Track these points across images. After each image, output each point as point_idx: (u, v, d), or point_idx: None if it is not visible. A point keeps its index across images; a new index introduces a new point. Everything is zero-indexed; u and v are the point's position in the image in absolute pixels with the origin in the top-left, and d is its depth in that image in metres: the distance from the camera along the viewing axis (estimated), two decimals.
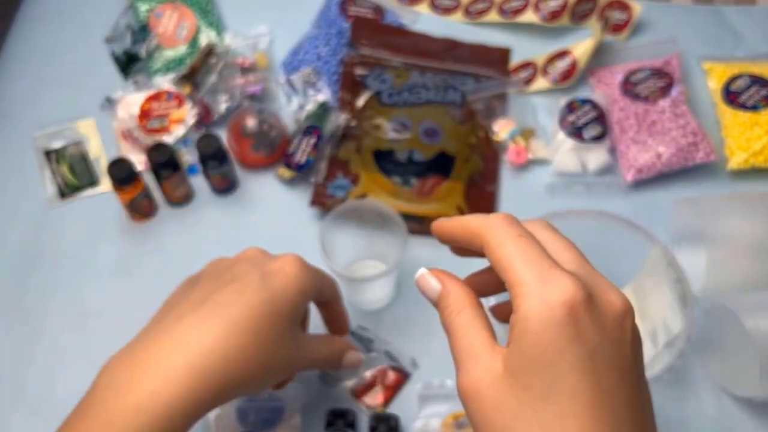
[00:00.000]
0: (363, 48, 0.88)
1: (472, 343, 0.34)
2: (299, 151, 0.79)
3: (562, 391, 0.30)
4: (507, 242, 0.34)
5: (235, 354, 0.44)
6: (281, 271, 0.48)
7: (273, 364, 0.47)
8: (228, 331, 0.44)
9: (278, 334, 0.46)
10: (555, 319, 0.30)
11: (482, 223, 0.36)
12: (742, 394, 0.66)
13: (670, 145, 0.78)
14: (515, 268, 0.33)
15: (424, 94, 0.84)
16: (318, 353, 0.52)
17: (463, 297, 0.36)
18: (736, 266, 0.70)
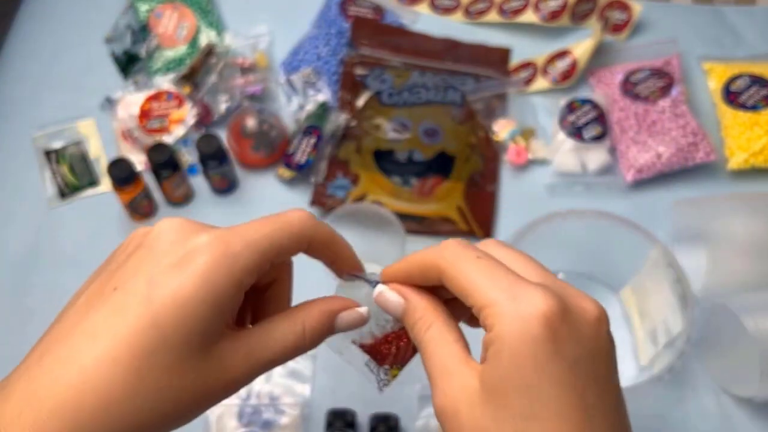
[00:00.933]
0: (363, 48, 0.88)
1: (445, 359, 0.32)
2: (299, 151, 0.79)
3: (544, 410, 0.29)
4: (466, 266, 0.32)
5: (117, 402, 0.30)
6: (185, 266, 0.31)
7: (180, 401, 0.32)
8: (102, 374, 0.30)
9: (175, 367, 0.31)
10: (532, 334, 0.29)
11: (435, 254, 0.33)
12: (742, 394, 0.66)
13: (670, 145, 0.78)
14: (481, 290, 0.31)
15: (424, 94, 0.84)
16: (271, 348, 0.34)
17: (430, 310, 0.34)
18: (736, 266, 0.70)
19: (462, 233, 0.76)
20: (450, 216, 0.77)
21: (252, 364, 0.33)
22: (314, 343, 0.35)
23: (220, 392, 0.33)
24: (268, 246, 0.33)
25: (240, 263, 0.32)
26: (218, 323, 0.32)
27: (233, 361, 0.32)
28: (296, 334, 0.34)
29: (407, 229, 0.72)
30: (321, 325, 0.35)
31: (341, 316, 0.36)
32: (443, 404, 0.31)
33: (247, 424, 0.65)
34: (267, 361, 0.33)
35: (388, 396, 0.67)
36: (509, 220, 0.78)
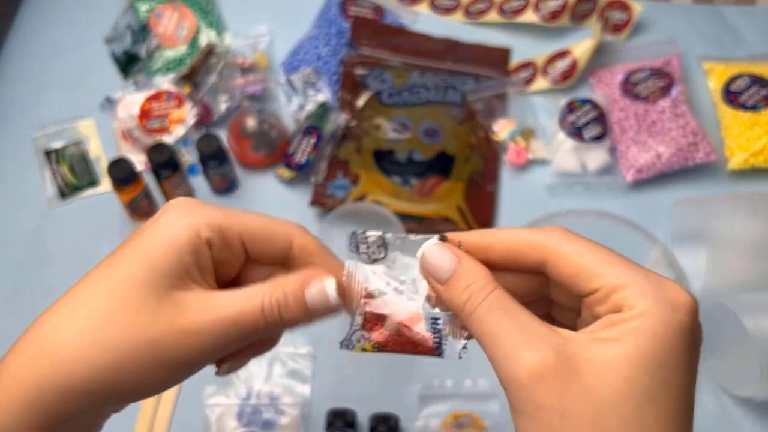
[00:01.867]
0: (363, 48, 0.88)
1: (529, 322, 0.29)
2: (299, 151, 0.79)
3: (667, 395, 0.28)
4: (581, 248, 0.30)
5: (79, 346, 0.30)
6: (153, 220, 0.34)
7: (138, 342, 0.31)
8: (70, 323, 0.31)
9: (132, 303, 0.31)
10: (680, 321, 0.28)
11: (539, 233, 0.31)
12: (742, 394, 0.66)
13: (670, 145, 0.78)
14: (613, 270, 0.29)
15: (424, 94, 0.84)
16: (236, 307, 0.32)
17: (491, 278, 0.31)
18: (736, 266, 0.70)
19: None
20: (450, 216, 0.77)
21: (217, 319, 0.31)
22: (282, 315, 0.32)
23: (184, 345, 0.31)
24: (238, 220, 0.33)
25: (200, 215, 0.33)
26: (175, 266, 0.32)
27: (196, 312, 0.31)
28: (261, 298, 0.32)
29: (407, 229, 0.72)
30: (289, 295, 0.32)
31: (312, 287, 0.33)
32: (528, 370, 0.28)
33: (247, 424, 0.65)
34: (230, 319, 0.31)
35: (388, 396, 0.67)
36: (509, 220, 0.78)
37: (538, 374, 0.28)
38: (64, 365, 0.30)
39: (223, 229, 0.33)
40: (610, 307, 0.29)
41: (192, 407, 0.67)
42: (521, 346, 0.28)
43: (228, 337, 0.32)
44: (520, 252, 0.32)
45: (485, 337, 0.30)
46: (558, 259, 0.31)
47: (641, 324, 0.28)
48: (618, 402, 0.27)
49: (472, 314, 0.30)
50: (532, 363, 0.28)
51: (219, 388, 0.67)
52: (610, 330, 0.28)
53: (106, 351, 0.30)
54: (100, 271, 0.33)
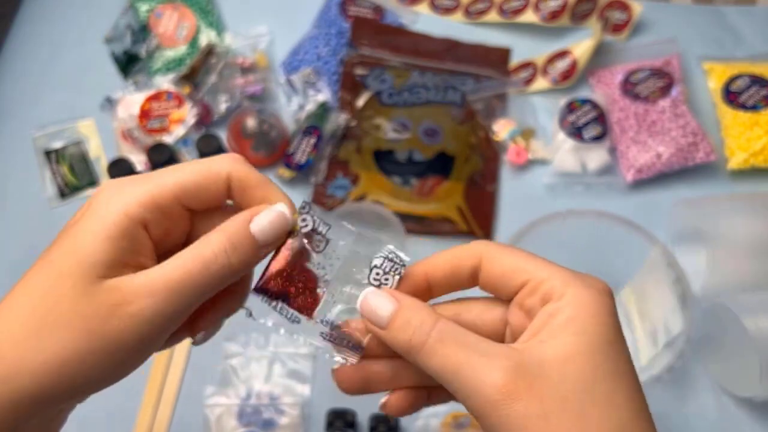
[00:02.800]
0: (363, 48, 0.88)
1: (480, 343, 0.30)
2: (299, 151, 0.79)
3: (621, 364, 0.30)
4: (508, 250, 0.33)
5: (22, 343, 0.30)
6: (85, 207, 0.33)
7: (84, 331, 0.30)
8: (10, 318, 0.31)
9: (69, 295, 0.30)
10: (604, 303, 0.31)
11: (468, 245, 0.34)
12: (742, 394, 0.66)
13: (670, 145, 0.78)
14: (535, 266, 0.32)
15: (424, 94, 0.84)
16: (172, 272, 0.31)
17: (431, 311, 0.32)
18: (736, 266, 0.70)
19: (462, 233, 0.76)
20: (450, 216, 0.77)
21: (151, 292, 0.30)
22: (231, 259, 0.31)
23: (129, 326, 0.30)
24: (170, 181, 0.32)
25: (129, 195, 0.31)
26: (107, 254, 0.31)
27: (129, 291, 0.30)
28: (201, 254, 0.31)
29: (407, 229, 0.72)
30: (234, 236, 0.31)
31: (256, 218, 0.32)
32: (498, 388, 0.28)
33: (247, 424, 0.65)
34: (165, 287, 0.30)
35: None
36: (509, 220, 0.78)
37: (511, 390, 0.28)
38: (8, 376, 0.29)
39: (156, 200, 0.32)
40: (540, 298, 0.31)
41: (192, 407, 0.67)
42: (483, 369, 0.29)
43: (170, 305, 0.31)
44: (457, 262, 0.33)
45: (443, 370, 0.30)
46: (488, 262, 0.33)
47: (578, 310, 0.30)
48: (588, 387, 0.29)
49: (421, 351, 0.30)
50: (500, 381, 0.28)
51: (219, 388, 0.67)
52: (552, 325, 0.30)
53: (47, 353, 0.30)
54: (34, 271, 0.33)
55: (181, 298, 0.31)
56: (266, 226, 0.32)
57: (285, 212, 0.33)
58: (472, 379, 0.29)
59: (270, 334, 0.70)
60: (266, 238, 0.32)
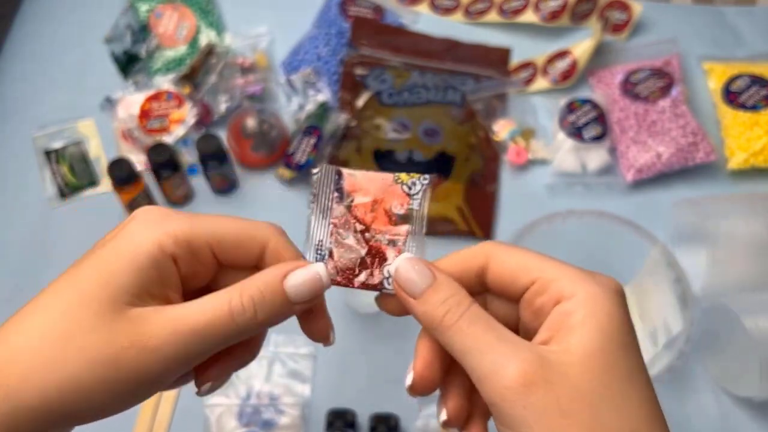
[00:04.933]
0: (363, 48, 0.88)
1: (507, 334, 0.30)
2: (299, 151, 0.79)
3: (640, 371, 0.30)
4: (517, 250, 0.32)
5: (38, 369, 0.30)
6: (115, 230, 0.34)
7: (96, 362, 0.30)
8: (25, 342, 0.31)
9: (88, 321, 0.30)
10: (618, 302, 0.30)
11: (477, 246, 0.33)
12: (742, 394, 0.66)
13: (670, 145, 0.78)
14: (545, 265, 0.31)
15: (424, 94, 0.84)
16: (196, 317, 0.30)
17: (464, 292, 0.31)
18: (736, 266, 0.70)
19: (462, 233, 0.76)
20: (450, 216, 0.77)
21: (178, 331, 0.30)
22: (258, 313, 0.31)
23: (143, 361, 0.30)
24: (209, 227, 0.32)
25: (165, 227, 0.31)
26: (135, 282, 0.31)
27: (156, 326, 0.30)
28: (229, 302, 0.31)
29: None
30: (265, 290, 0.31)
31: (291, 276, 0.32)
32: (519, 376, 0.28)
33: (247, 424, 0.65)
34: (190, 330, 0.30)
35: (388, 396, 0.67)
36: (509, 220, 0.78)
37: (531, 381, 0.28)
38: (14, 384, 0.29)
39: (190, 240, 0.32)
40: (550, 297, 0.31)
41: (192, 407, 0.67)
42: (508, 357, 0.29)
43: (191, 348, 0.30)
44: (464, 262, 0.33)
45: (469, 351, 0.30)
46: (496, 262, 0.32)
47: (593, 309, 0.29)
48: (604, 387, 0.28)
49: (451, 328, 0.30)
50: (521, 370, 0.28)
51: None
52: (568, 324, 0.30)
53: (58, 371, 0.29)
54: (59, 285, 0.32)
55: (203, 343, 0.30)
56: (300, 286, 0.32)
57: (322, 274, 0.32)
58: (495, 363, 0.29)
59: (270, 333, 0.70)
60: (299, 297, 0.32)
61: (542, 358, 0.29)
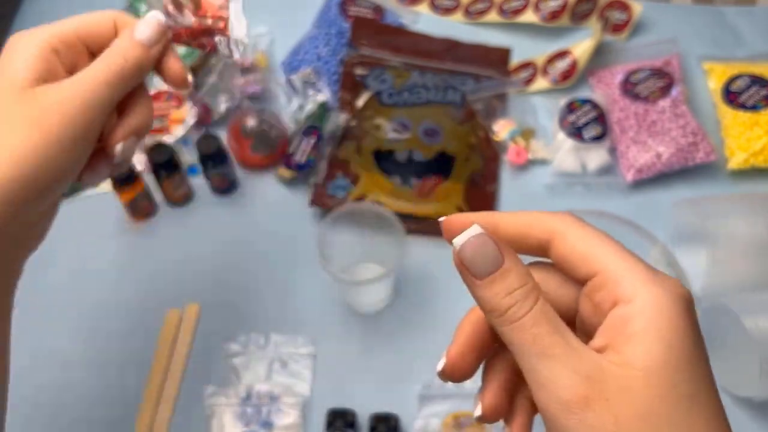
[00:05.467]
0: (363, 48, 0.88)
1: (573, 340, 0.28)
2: (299, 151, 0.79)
3: (708, 389, 0.27)
4: (582, 232, 0.29)
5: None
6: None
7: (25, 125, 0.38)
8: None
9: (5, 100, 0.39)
10: (684, 310, 0.27)
11: (547, 214, 0.31)
12: (742, 394, 0.66)
13: (670, 145, 0.78)
14: (607, 258, 0.28)
15: (424, 94, 0.84)
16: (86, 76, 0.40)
17: (534, 281, 0.29)
18: (736, 266, 0.70)
19: None
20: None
21: (80, 86, 0.39)
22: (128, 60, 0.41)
23: (67, 116, 0.38)
24: (69, 22, 0.43)
25: (40, 32, 0.42)
26: (34, 68, 0.39)
27: (63, 88, 0.39)
28: (107, 60, 0.41)
29: (407, 229, 0.72)
30: (125, 44, 0.42)
31: (137, 27, 0.42)
32: (575, 391, 0.26)
33: (247, 424, 0.65)
34: (91, 81, 0.39)
35: (388, 396, 0.67)
36: None
37: (588, 396, 0.26)
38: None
39: (61, 34, 0.42)
40: (609, 294, 0.28)
41: (192, 407, 0.67)
42: (570, 368, 0.27)
43: (97, 97, 0.39)
44: (527, 229, 0.31)
45: (528, 352, 0.28)
46: (561, 241, 0.30)
47: (655, 318, 0.27)
48: (666, 408, 0.26)
49: (514, 324, 0.28)
50: (579, 384, 0.26)
51: (219, 388, 0.67)
52: (627, 333, 0.27)
53: (8, 149, 0.37)
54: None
55: (102, 90, 0.39)
56: (145, 29, 0.42)
57: (158, 15, 0.42)
58: (554, 371, 0.27)
59: (270, 334, 0.70)
60: (149, 39, 0.42)
61: (603, 371, 0.27)
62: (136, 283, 0.74)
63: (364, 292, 0.70)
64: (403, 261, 0.65)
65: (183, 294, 0.74)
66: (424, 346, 0.70)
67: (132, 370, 0.69)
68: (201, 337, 0.71)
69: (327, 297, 0.73)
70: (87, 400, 0.68)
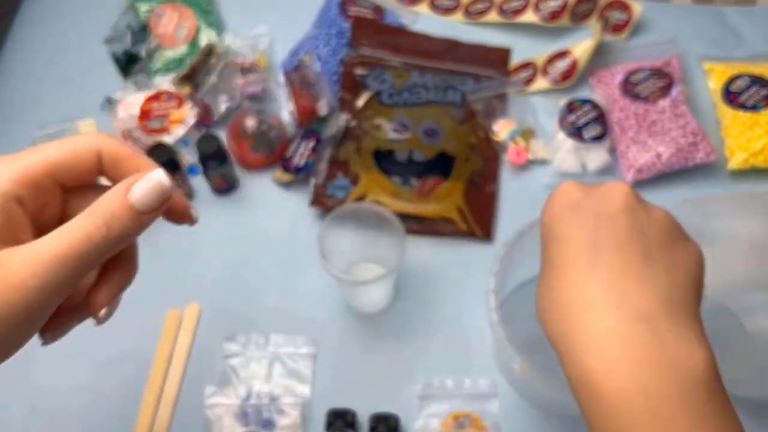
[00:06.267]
0: (363, 48, 0.88)
1: None
2: (297, 154, 0.79)
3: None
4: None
5: None
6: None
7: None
8: None
9: None
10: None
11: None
12: (742, 394, 0.66)
13: (670, 145, 0.78)
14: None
15: (424, 94, 0.84)
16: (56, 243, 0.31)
17: None
18: (736, 266, 0.70)
19: (462, 233, 0.76)
20: (450, 216, 0.77)
21: (36, 262, 0.30)
22: (112, 229, 0.32)
23: (13, 299, 0.30)
24: (41, 157, 0.33)
25: (2, 173, 0.32)
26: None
27: (13, 262, 0.30)
28: (83, 225, 0.31)
29: (407, 229, 0.72)
30: (113, 206, 0.32)
31: (134, 189, 0.32)
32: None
33: (247, 424, 0.65)
34: (52, 258, 0.30)
35: (388, 396, 0.67)
36: (509, 220, 0.78)
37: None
38: None
39: (28, 176, 0.33)
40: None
41: (192, 407, 0.67)
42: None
43: (57, 276, 0.31)
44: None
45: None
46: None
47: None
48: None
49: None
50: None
51: (219, 388, 0.67)
52: None
53: None
54: None
55: (66, 269, 0.31)
56: (144, 194, 0.32)
57: (161, 178, 0.33)
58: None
59: (270, 334, 0.70)
60: (145, 205, 0.32)
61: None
62: (136, 282, 0.74)
63: (365, 292, 0.70)
64: (403, 261, 0.65)
65: (183, 294, 0.74)
66: (424, 346, 0.70)
67: (132, 370, 0.69)
68: (201, 337, 0.71)
69: (327, 297, 0.73)
70: (87, 400, 0.68)
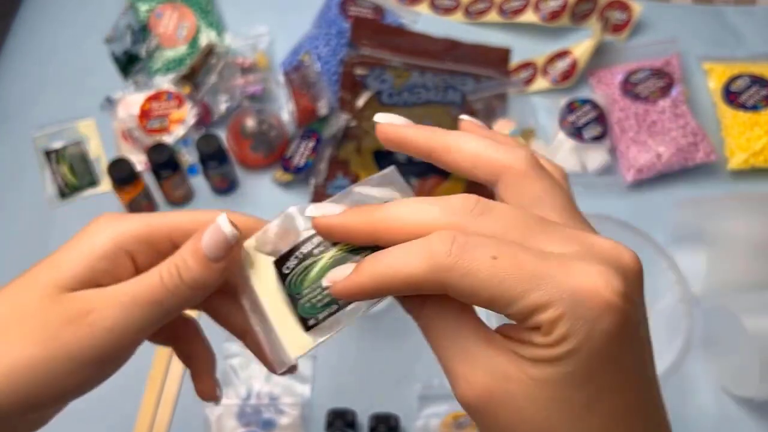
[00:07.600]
0: (363, 48, 0.88)
1: (474, 334, 0.29)
2: (297, 154, 0.79)
3: (607, 402, 0.26)
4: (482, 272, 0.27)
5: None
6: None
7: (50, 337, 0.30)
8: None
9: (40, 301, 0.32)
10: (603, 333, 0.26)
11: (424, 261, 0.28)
12: (742, 394, 0.66)
13: (670, 145, 0.78)
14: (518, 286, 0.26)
15: (424, 94, 0.84)
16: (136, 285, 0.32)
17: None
18: (736, 266, 0.70)
19: None
20: None
21: (112, 303, 0.31)
22: (183, 275, 0.31)
23: (84, 336, 0.30)
24: (167, 221, 0.33)
25: (122, 226, 0.33)
26: (83, 270, 0.32)
27: (92, 301, 0.31)
28: (159, 270, 0.31)
29: None
30: (186, 253, 0.32)
31: (204, 234, 0.31)
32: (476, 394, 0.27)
33: (247, 424, 0.65)
34: (127, 300, 0.31)
35: (388, 396, 0.67)
36: None
37: (485, 398, 0.27)
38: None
39: (150, 235, 0.33)
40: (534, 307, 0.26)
41: (192, 407, 0.67)
42: (469, 365, 0.28)
43: (130, 317, 0.31)
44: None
45: (435, 343, 0.30)
46: (459, 292, 0.28)
47: (562, 350, 0.25)
48: (553, 424, 0.26)
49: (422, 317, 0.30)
50: (479, 385, 0.27)
51: None
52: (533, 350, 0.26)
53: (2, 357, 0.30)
54: (16, 280, 0.34)
55: (139, 310, 0.31)
56: (207, 240, 0.31)
57: (221, 224, 0.32)
58: (457, 370, 0.29)
59: None
60: (210, 252, 0.31)
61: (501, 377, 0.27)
62: None
63: None
64: None
65: None
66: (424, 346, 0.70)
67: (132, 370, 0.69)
68: None
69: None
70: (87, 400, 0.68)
